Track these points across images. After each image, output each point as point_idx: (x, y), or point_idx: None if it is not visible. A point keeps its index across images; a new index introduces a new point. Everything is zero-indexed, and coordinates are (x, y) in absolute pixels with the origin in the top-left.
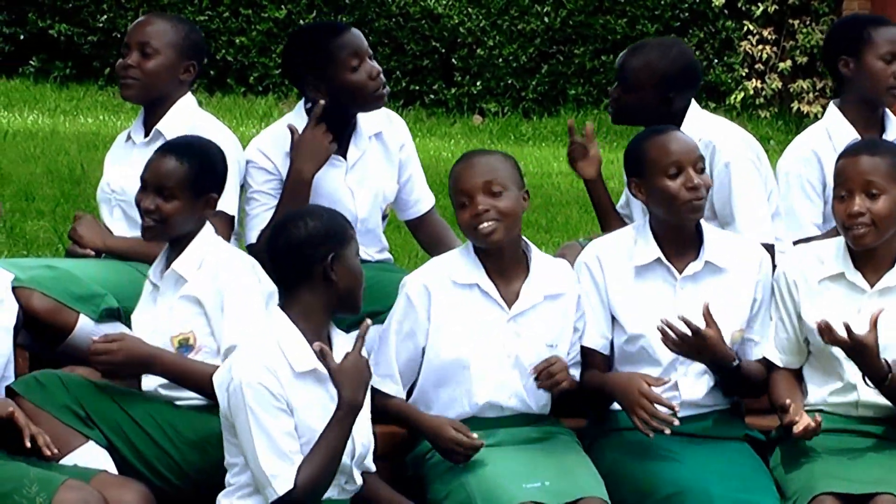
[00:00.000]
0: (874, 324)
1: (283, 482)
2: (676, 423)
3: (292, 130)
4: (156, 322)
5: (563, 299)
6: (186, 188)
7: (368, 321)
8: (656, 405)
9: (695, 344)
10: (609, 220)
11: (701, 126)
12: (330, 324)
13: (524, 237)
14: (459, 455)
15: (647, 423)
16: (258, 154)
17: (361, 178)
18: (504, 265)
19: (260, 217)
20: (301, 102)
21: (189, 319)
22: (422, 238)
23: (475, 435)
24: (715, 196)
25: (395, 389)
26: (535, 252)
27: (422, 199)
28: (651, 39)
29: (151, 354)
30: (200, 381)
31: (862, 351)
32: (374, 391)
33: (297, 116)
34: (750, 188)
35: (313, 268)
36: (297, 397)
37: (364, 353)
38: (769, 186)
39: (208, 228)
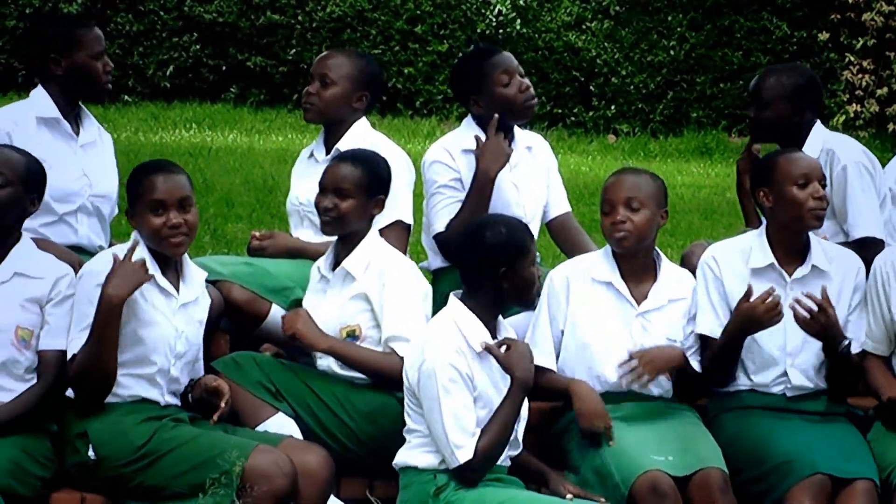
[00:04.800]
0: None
1: (466, 452)
2: None
3: (477, 139)
4: (326, 313)
5: (683, 303)
6: (360, 188)
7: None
8: None
9: (818, 319)
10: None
11: (824, 137)
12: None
13: (655, 247)
14: (598, 423)
15: None
16: (444, 153)
17: (519, 180)
18: (636, 268)
19: (447, 208)
20: (469, 117)
21: (357, 314)
22: (560, 239)
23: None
24: (833, 196)
25: (551, 363)
26: (665, 261)
27: (560, 203)
28: (775, 65)
29: (328, 347)
30: (368, 369)
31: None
32: (537, 368)
33: (468, 128)
34: (863, 189)
35: (489, 276)
36: (478, 372)
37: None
38: (882, 193)
39: (375, 232)
